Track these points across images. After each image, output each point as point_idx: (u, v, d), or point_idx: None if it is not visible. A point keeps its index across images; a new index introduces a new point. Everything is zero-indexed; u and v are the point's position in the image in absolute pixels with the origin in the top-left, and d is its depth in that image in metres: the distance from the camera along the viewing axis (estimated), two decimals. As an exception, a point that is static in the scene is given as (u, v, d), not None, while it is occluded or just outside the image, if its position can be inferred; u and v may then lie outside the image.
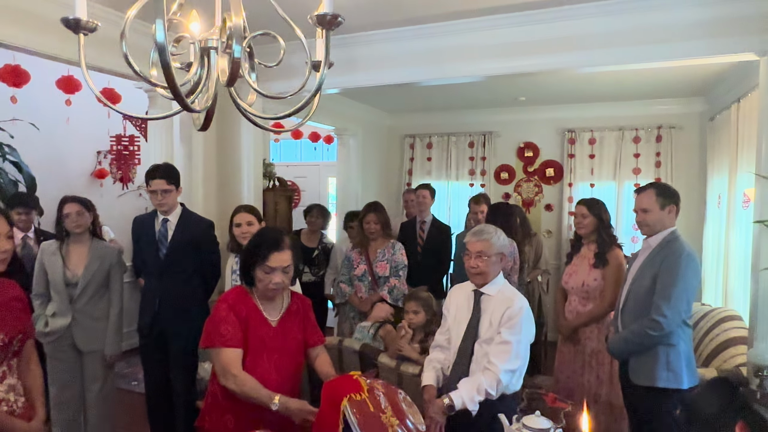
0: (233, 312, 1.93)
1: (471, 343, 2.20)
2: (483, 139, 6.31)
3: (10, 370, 1.80)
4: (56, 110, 3.96)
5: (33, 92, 3.72)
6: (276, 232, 2.07)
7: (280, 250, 1.94)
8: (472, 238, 2.25)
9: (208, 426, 1.95)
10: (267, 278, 1.92)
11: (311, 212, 4.59)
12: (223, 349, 1.88)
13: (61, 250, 2.93)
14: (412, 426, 1.54)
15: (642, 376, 2.43)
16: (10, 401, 1.77)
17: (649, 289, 2.43)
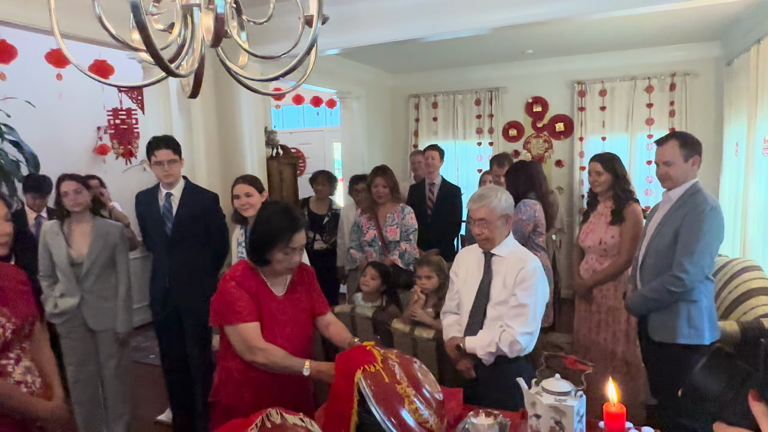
0: (243, 288, 1.90)
1: (483, 306, 2.16)
2: (490, 96, 6.13)
3: (24, 353, 1.78)
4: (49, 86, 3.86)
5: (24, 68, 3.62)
6: (290, 211, 1.99)
7: (299, 231, 1.91)
8: (473, 205, 2.17)
9: (224, 401, 1.93)
10: (287, 259, 1.90)
11: (317, 179, 4.51)
12: (242, 325, 1.84)
13: (62, 229, 2.88)
14: (429, 395, 1.49)
15: (662, 332, 2.37)
16: (29, 382, 1.76)
17: (669, 244, 2.34)
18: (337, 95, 5.76)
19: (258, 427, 1.16)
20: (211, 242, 3.03)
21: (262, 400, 1.85)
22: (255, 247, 1.93)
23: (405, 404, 1.42)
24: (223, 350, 1.97)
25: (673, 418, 2.34)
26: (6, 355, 1.70)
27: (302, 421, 1.25)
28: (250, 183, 2.92)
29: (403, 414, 1.41)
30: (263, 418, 1.18)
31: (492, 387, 2.11)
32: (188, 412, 3.12)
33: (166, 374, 3.16)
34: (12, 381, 1.70)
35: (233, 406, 1.87)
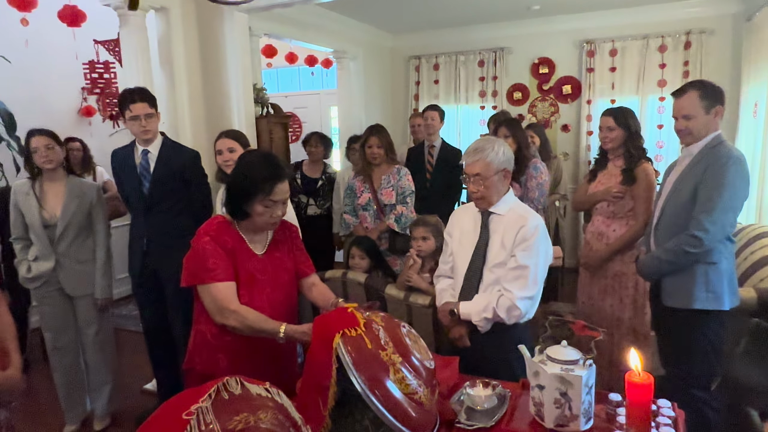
0: (218, 244, 1.72)
1: (479, 269, 1.96)
2: (494, 57, 5.84)
3: None
4: (23, 40, 3.62)
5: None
6: (273, 159, 1.81)
7: (282, 181, 1.71)
8: (468, 159, 1.93)
9: (199, 368, 1.77)
10: (268, 212, 1.72)
11: (310, 141, 4.31)
12: (214, 284, 1.67)
13: (34, 189, 2.69)
14: (418, 363, 1.32)
15: (677, 298, 2.18)
16: None
17: (687, 202, 2.14)
18: (334, 55, 5.48)
19: (212, 397, 0.98)
20: (192, 204, 2.83)
21: (239, 367, 1.69)
22: (233, 197, 1.74)
23: (390, 373, 1.25)
24: (197, 313, 1.82)
25: (685, 389, 2.18)
26: None
27: (268, 392, 1.07)
28: (233, 138, 2.70)
29: (388, 384, 1.24)
30: (219, 387, 1.01)
31: (489, 356, 1.94)
32: (173, 381, 2.98)
33: (148, 342, 3.00)
34: None
35: (208, 373, 1.70)
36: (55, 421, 3.00)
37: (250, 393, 1.05)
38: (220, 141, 2.69)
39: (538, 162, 3.24)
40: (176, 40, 3.36)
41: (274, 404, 1.08)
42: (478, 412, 1.54)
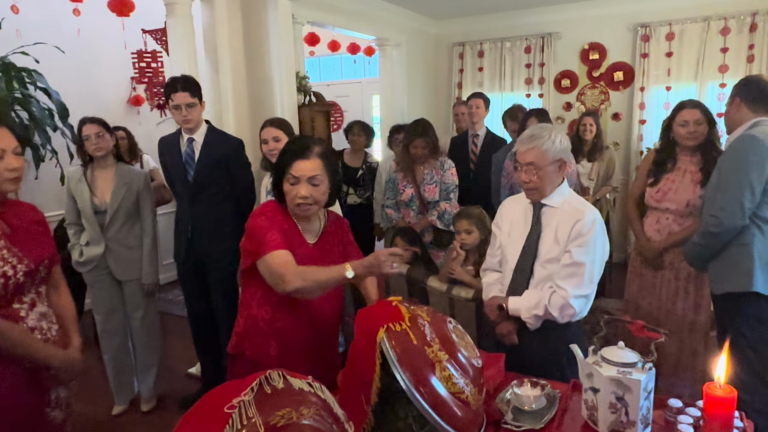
0: (273, 222, 1.69)
1: (529, 264, 1.88)
2: (541, 43, 5.64)
3: (39, 298, 1.68)
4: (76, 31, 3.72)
5: (43, 9, 3.46)
6: (305, 138, 1.80)
7: (304, 158, 1.66)
8: (521, 147, 1.84)
9: (249, 354, 1.75)
10: (293, 190, 1.66)
11: (352, 129, 4.27)
12: (273, 253, 1.61)
13: (86, 176, 2.77)
14: (465, 361, 1.26)
15: (716, 282, 2.14)
16: (44, 329, 1.66)
17: (713, 186, 2.15)
18: (376, 42, 5.41)
19: (254, 391, 0.95)
20: (236, 191, 2.85)
21: (288, 355, 1.70)
22: (274, 179, 1.74)
23: (436, 370, 1.20)
24: (248, 298, 1.78)
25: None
26: (19, 299, 1.60)
27: (310, 386, 1.04)
28: (278, 126, 2.70)
29: (434, 382, 1.19)
30: (261, 381, 0.98)
31: (537, 354, 1.86)
32: (216, 366, 3.03)
33: (192, 327, 3.06)
34: (25, 327, 1.60)
35: (257, 359, 1.69)
36: (105, 401, 3.10)
37: (293, 387, 1.02)
38: (265, 130, 2.69)
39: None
40: (221, 28, 3.38)
41: (317, 399, 1.04)
42: (525, 412, 1.47)
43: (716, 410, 1.16)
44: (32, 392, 1.62)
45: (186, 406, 3.15)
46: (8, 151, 1.56)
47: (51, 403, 1.69)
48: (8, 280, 1.54)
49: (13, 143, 1.58)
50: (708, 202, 2.19)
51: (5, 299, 1.55)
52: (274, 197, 1.78)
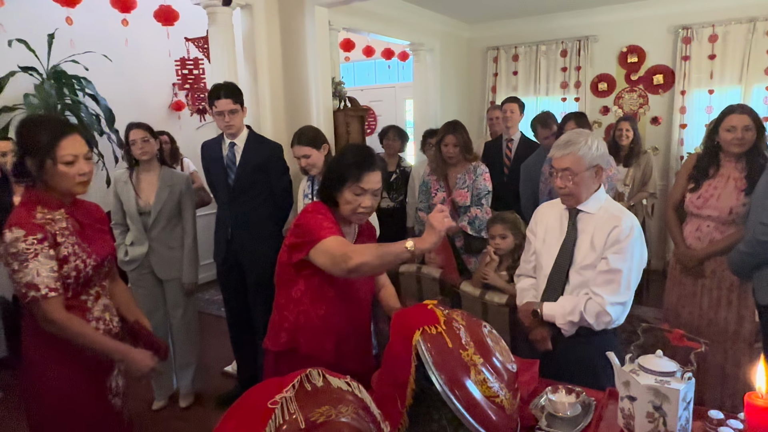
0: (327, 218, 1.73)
1: (565, 270, 1.87)
2: (578, 46, 5.57)
3: (103, 291, 1.81)
4: (123, 41, 3.88)
5: (95, 21, 3.63)
6: (369, 150, 1.82)
7: (373, 170, 1.71)
8: (557, 152, 1.83)
9: (303, 349, 1.77)
10: (356, 201, 1.71)
11: (387, 134, 4.31)
12: (329, 238, 1.63)
13: (131, 178, 2.89)
14: (500, 365, 1.27)
15: (762, 292, 2.08)
16: (107, 320, 1.78)
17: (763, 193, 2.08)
18: (410, 47, 5.45)
19: (295, 388, 0.99)
20: (274, 195, 2.92)
21: (342, 351, 1.76)
22: (326, 185, 1.77)
23: (471, 374, 1.21)
24: (300, 293, 1.78)
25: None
26: (86, 291, 1.73)
27: (348, 386, 1.07)
28: (306, 143, 2.77)
29: (468, 385, 1.20)
30: (302, 379, 1.02)
31: (572, 361, 1.84)
32: (252, 364, 3.10)
33: (230, 326, 3.15)
34: (91, 317, 1.72)
35: (314, 354, 1.72)
36: (145, 396, 3.21)
37: (332, 386, 1.05)
38: (295, 148, 2.77)
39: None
40: (259, 36, 3.48)
41: (354, 398, 1.07)
42: (559, 419, 1.47)
43: (758, 420, 1.13)
44: (95, 380, 1.74)
45: (222, 404, 3.24)
46: (80, 156, 1.66)
47: (112, 390, 1.80)
48: (80, 272, 1.66)
49: (84, 149, 1.68)
50: (756, 210, 2.13)
51: (75, 291, 1.68)
52: (320, 200, 1.82)
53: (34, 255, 1.55)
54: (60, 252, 1.61)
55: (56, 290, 1.58)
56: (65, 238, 1.63)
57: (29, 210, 1.62)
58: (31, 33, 3.68)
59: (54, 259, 1.59)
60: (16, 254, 1.55)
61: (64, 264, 1.62)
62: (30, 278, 1.55)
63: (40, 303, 1.56)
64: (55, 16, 3.38)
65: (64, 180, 1.63)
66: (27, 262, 1.55)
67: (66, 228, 1.65)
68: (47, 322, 1.59)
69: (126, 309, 1.90)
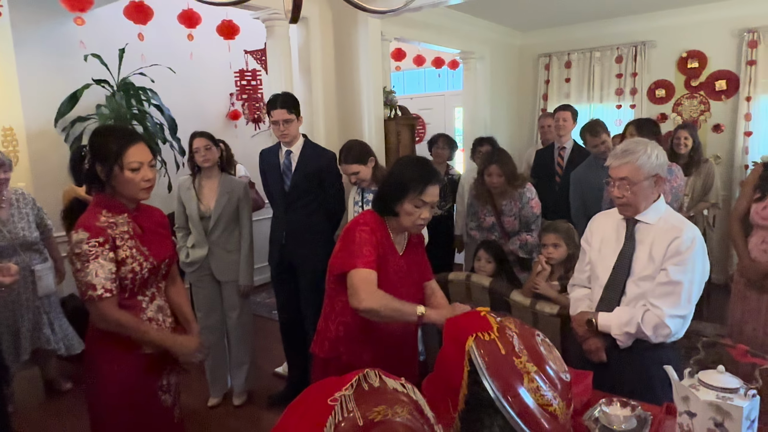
0: (375, 236, 1.79)
1: (622, 281, 1.83)
2: (634, 52, 5.42)
3: (158, 292, 1.90)
4: (186, 53, 4.09)
5: (162, 35, 3.85)
6: (427, 163, 1.88)
7: (434, 183, 1.77)
8: (615, 162, 1.81)
9: (344, 358, 1.85)
10: (416, 212, 1.77)
11: (437, 142, 4.33)
12: (361, 270, 1.72)
13: (194, 184, 3.04)
14: (553, 374, 1.27)
15: None
16: (159, 320, 1.87)
17: None
18: (460, 56, 5.47)
19: (354, 387, 1.04)
20: (327, 202, 3.01)
21: (380, 360, 1.77)
22: (386, 195, 1.82)
23: (524, 381, 1.22)
24: (342, 305, 1.86)
25: None
26: (142, 291, 1.83)
27: (403, 387, 1.11)
28: (353, 161, 2.88)
29: (521, 392, 1.21)
30: (360, 378, 1.06)
31: (627, 374, 1.81)
32: (303, 366, 3.18)
33: (282, 329, 3.24)
34: (145, 317, 1.81)
35: (354, 364, 1.77)
36: (201, 393, 3.35)
37: (388, 387, 1.09)
38: (343, 167, 2.88)
39: (673, 165, 2.94)
40: (314, 47, 3.60)
41: (409, 400, 1.10)
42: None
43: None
44: (147, 376, 1.83)
45: (273, 404, 3.33)
46: (145, 164, 1.77)
47: (162, 387, 1.89)
48: (136, 275, 1.76)
49: (149, 157, 1.79)
50: None
51: (132, 291, 1.78)
52: (377, 210, 1.87)
53: (95, 257, 1.66)
54: (118, 254, 1.71)
55: (111, 291, 1.68)
56: (124, 242, 1.73)
57: (95, 213, 1.73)
58: (107, 48, 3.94)
59: (113, 262, 1.70)
60: (79, 255, 1.67)
61: (122, 266, 1.72)
62: (89, 278, 1.66)
63: (96, 302, 1.67)
64: (129, 32, 3.62)
65: (130, 186, 1.74)
66: (88, 262, 1.66)
67: (126, 232, 1.75)
68: (101, 320, 1.70)
69: (177, 311, 1.99)
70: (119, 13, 3.48)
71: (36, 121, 3.97)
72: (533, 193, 3.19)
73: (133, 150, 1.73)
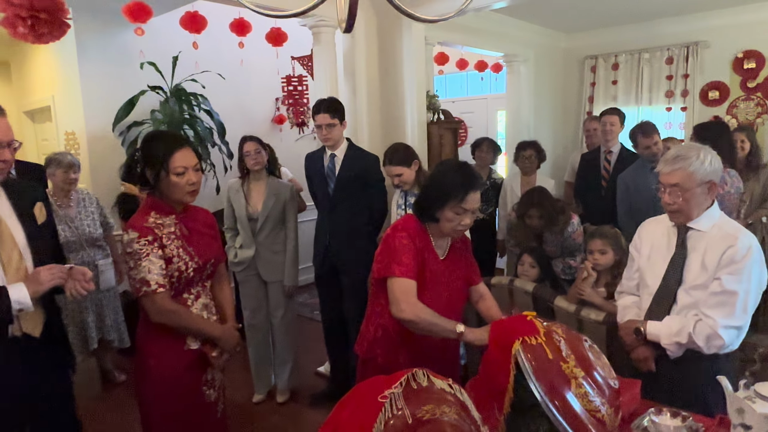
0: (413, 243, 1.82)
1: (672, 290, 1.79)
2: (685, 53, 5.23)
3: (204, 291, 1.98)
4: (235, 59, 4.23)
5: (213, 42, 4.00)
6: (468, 168, 1.87)
7: (474, 190, 1.77)
8: (666, 168, 1.76)
9: (381, 360, 1.89)
10: (457, 219, 1.78)
11: (481, 146, 4.30)
12: (401, 279, 1.75)
13: (243, 187, 3.14)
14: (602, 380, 1.26)
15: None
16: (204, 317, 1.94)
17: None
18: (504, 59, 5.43)
19: (403, 385, 1.07)
20: (370, 204, 3.05)
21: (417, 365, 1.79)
22: (426, 201, 1.84)
23: (571, 386, 1.22)
24: (381, 307, 1.91)
25: None
26: (188, 290, 1.90)
27: (451, 387, 1.13)
28: (398, 163, 2.90)
29: (569, 397, 1.21)
30: (408, 378, 1.09)
31: (677, 384, 1.77)
32: (345, 366, 3.23)
33: (325, 330, 3.31)
34: None
35: (388, 366, 1.80)
36: (246, 389, 3.45)
37: (435, 386, 1.11)
38: (387, 168, 2.91)
39: (726, 170, 2.83)
40: (359, 52, 3.66)
41: (456, 400, 1.12)
42: (664, 442, 1.42)
43: None
44: (192, 371, 1.90)
45: (315, 402, 3.39)
46: (190, 168, 1.84)
47: (206, 383, 1.97)
48: (181, 274, 1.84)
49: (194, 161, 1.87)
50: None
51: (177, 290, 1.86)
52: (418, 215, 1.88)
53: (146, 255, 1.75)
54: (165, 254, 1.79)
55: (164, 286, 1.77)
56: (171, 242, 1.81)
57: (144, 214, 1.82)
58: (161, 56, 4.13)
59: (162, 259, 1.78)
60: (131, 254, 1.76)
61: (168, 264, 1.80)
62: (143, 275, 1.74)
63: (151, 296, 1.75)
64: (183, 41, 3.78)
65: (176, 189, 1.81)
66: (140, 260, 1.75)
67: (173, 232, 1.83)
68: (156, 314, 1.78)
69: (219, 309, 2.05)
70: (173, 22, 3.65)
71: (96, 126, 4.20)
72: (575, 226, 3.09)
73: (178, 155, 1.80)
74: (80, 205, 3.33)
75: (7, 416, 1.68)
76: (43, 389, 1.78)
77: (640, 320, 1.84)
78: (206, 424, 1.97)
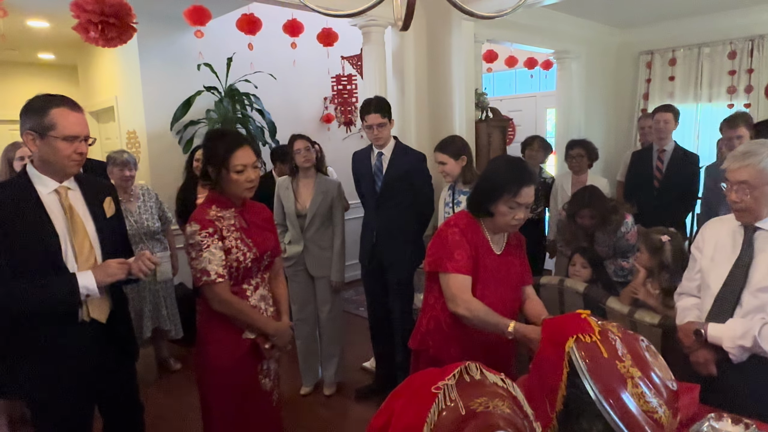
0: (466, 238, 1.83)
1: (737, 291, 1.72)
2: (750, 47, 4.98)
3: (262, 282, 2.07)
4: (286, 59, 4.33)
5: (266, 43, 4.11)
6: (521, 163, 1.88)
7: (528, 185, 1.78)
8: (733, 164, 1.70)
9: (432, 351, 1.91)
10: (511, 214, 1.79)
11: (532, 144, 4.22)
12: (455, 275, 1.79)
13: (292, 184, 3.22)
14: (659, 381, 1.23)
15: None
16: (261, 309, 2.03)
17: None
18: (554, 56, 5.32)
19: (456, 378, 1.08)
20: (417, 202, 3.07)
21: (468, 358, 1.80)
22: (480, 196, 1.85)
23: (627, 386, 1.20)
24: (434, 300, 1.93)
25: None
26: (247, 281, 1.99)
27: (503, 382, 1.13)
28: (444, 152, 2.90)
29: (624, 397, 1.19)
30: (461, 371, 1.10)
31: (739, 390, 1.69)
32: (390, 362, 3.27)
33: (371, 325, 3.35)
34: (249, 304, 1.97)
35: (439, 357, 1.84)
36: (295, 381, 3.53)
37: (488, 380, 1.12)
38: (435, 153, 2.91)
39: None
40: (408, 52, 3.68)
41: (508, 395, 1.13)
42: (725, 449, 1.37)
43: None
44: (249, 360, 1.98)
45: (360, 396, 3.45)
46: (248, 166, 1.92)
47: (262, 372, 2.04)
48: (240, 264, 1.92)
49: (253, 159, 1.95)
50: None
51: (237, 279, 1.95)
52: (472, 211, 1.90)
53: (207, 246, 1.84)
54: (225, 245, 1.88)
55: (223, 276, 1.86)
56: (230, 233, 1.90)
57: (205, 208, 1.92)
58: (217, 57, 4.28)
59: (222, 251, 1.87)
60: (193, 245, 1.86)
61: (227, 255, 1.88)
62: (203, 265, 1.84)
63: (211, 286, 1.85)
64: (237, 42, 3.91)
65: (235, 186, 1.90)
66: (201, 251, 1.84)
67: (233, 225, 1.92)
68: (216, 302, 1.87)
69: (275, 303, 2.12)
70: (228, 25, 3.77)
71: (155, 125, 4.40)
72: (629, 226, 2.99)
73: (238, 153, 1.88)
74: (140, 199, 3.51)
75: (76, 395, 1.80)
76: (109, 372, 1.90)
77: (701, 322, 1.78)
78: (262, 412, 2.05)
